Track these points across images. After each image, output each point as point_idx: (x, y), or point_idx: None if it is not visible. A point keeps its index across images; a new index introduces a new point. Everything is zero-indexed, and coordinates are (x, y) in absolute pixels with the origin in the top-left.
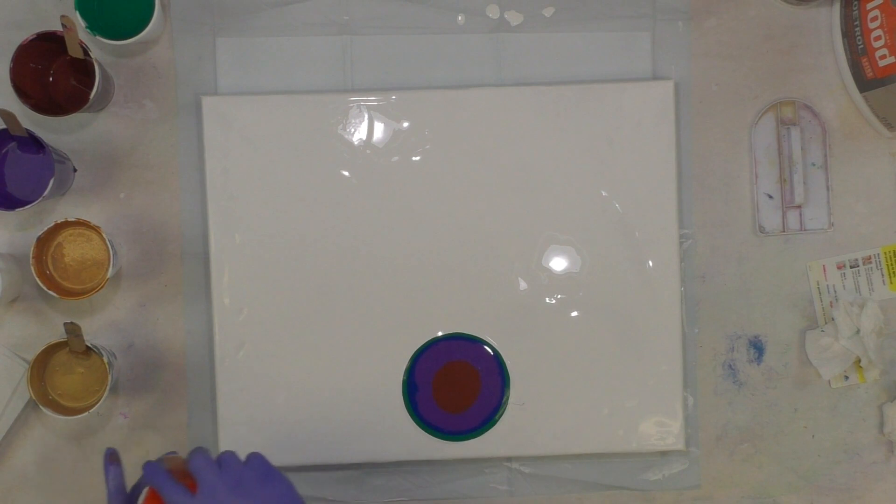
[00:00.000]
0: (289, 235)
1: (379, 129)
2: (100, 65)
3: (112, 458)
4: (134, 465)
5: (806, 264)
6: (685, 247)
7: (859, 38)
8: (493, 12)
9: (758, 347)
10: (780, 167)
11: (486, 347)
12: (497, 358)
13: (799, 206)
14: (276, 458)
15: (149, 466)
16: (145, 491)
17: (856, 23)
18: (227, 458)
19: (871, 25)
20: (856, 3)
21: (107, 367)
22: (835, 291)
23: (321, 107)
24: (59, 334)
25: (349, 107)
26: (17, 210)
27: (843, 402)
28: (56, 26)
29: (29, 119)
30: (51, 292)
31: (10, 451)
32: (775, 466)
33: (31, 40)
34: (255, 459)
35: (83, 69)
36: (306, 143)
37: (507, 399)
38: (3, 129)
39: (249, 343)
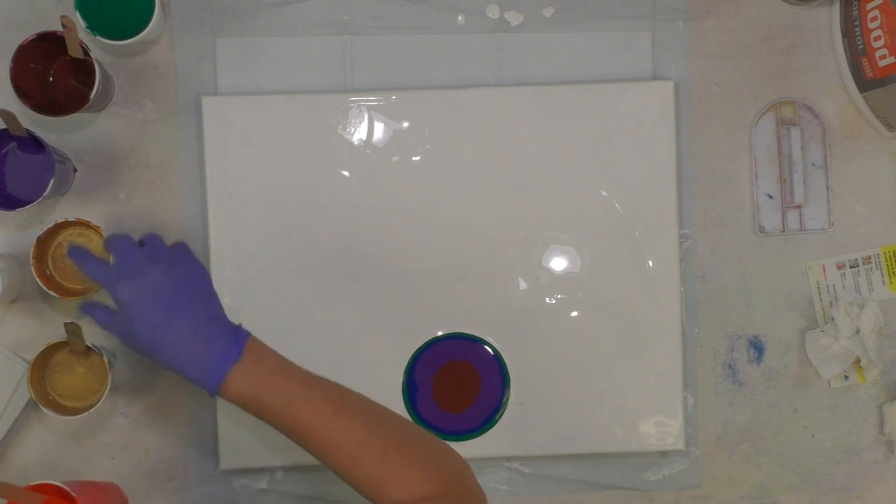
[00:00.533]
0: (289, 235)
1: (379, 129)
2: (100, 65)
3: None
4: (133, 464)
5: (806, 264)
6: (685, 247)
7: (859, 38)
8: (493, 12)
9: (758, 347)
10: (780, 167)
11: (486, 347)
12: (497, 358)
13: (799, 206)
14: (277, 458)
15: (72, 250)
16: None
17: (856, 23)
18: (149, 238)
19: (871, 25)
20: (856, 3)
21: (107, 367)
22: (835, 291)
23: (321, 107)
24: (59, 334)
25: (349, 107)
26: (17, 210)
27: (843, 402)
28: (56, 26)
29: (29, 119)
30: (51, 292)
31: (10, 451)
32: (775, 466)
33: (31, 40)
34: (179, 245)
35: (83, 69)
36: (306, 143)
37: (507, 399)
38: (3, 129)
39: None
